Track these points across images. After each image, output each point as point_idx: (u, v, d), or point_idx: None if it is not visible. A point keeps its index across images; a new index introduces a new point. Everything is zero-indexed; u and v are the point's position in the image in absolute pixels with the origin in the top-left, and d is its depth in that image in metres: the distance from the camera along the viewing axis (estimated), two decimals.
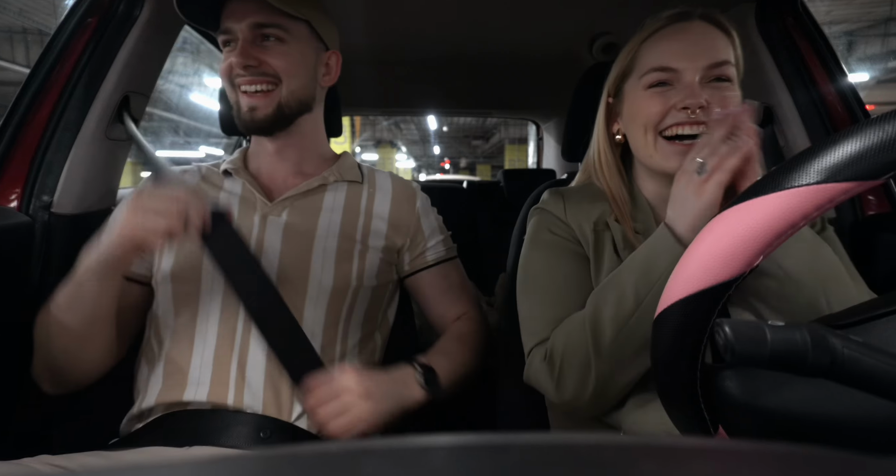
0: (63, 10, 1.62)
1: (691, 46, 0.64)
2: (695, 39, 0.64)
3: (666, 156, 0.64)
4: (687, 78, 0.63)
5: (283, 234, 0.76)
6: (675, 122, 0.62)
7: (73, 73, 0.87)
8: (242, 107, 0.75)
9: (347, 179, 0.84)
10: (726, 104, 0.62)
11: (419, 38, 1.27)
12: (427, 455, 0.14)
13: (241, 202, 0.79)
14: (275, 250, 0.75)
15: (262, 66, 0.74)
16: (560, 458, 0.14)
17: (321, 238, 0.77)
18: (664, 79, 0.64)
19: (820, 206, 0.26)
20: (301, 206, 0.79)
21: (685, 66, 0.63)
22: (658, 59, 0.65)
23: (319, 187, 0.81)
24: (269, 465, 0.14)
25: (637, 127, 0.67)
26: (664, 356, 0.33)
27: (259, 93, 0.75)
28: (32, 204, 0.84)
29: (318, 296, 0.75)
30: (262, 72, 0.74)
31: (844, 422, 0.29)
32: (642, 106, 0.66)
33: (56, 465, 0.59)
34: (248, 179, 0.80)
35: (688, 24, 0.65)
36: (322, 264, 0.76)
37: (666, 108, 0.63)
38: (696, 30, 0.65)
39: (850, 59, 10.48)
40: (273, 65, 0.74)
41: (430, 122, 15.55)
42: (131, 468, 0.15)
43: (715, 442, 0.17)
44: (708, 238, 0.30)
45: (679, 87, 0.64)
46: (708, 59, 0.63)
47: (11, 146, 0.84)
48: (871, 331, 0.30)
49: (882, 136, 0.24)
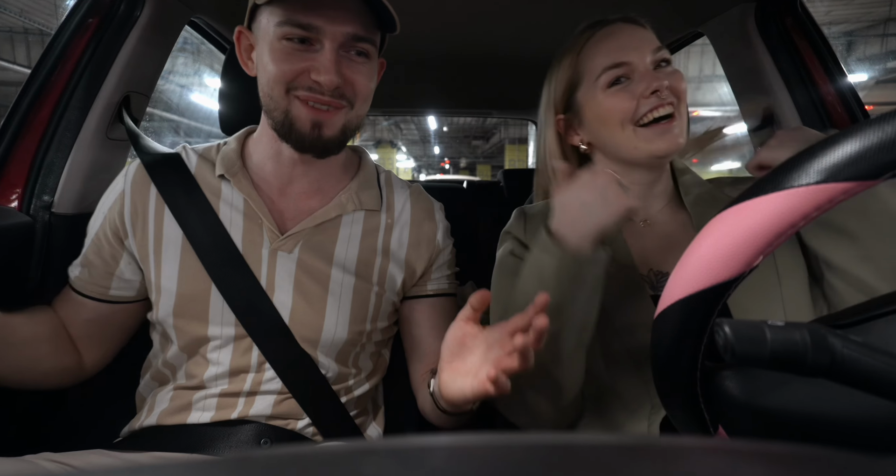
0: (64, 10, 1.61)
1: (630, 41, 0.67)
2: (629, 35, 0.68)
3: (650, 139, 0.65)
4: (641, 67, 0.66)
5: (296, 276, 0.68)
6: (649, 108, 0.64)
7: (74, 74, 0.87)
8: (304, 121, 0.63)
9: (366, 208, 0.73)
10: (680, 83, 0.66)
11: (419, 38, 1.27)
12: (427, 455, 0.14)
13: (244, 225, 0.68)
14: (286, 295, 0.67)
15: (343, 88, 0.62)
16: (560, 458, 0.14)
17: (336, 283, 0.69)
18: (620, 74, 0.66)
19: (820, 206, 0.26)
20: (314, 242, 0.69)
21: (635, 57, 0.66)
22: (607, 59, 0.67)
23: (335, 218, 0.71)
24: (269, 465, 0.14)
25: (612, 127, 0.67)
26: (664, 356, 0.33)
27: (328, 110, 0.63)
28: (33, 204, 0.84)
29: (331, 344, 0.70)
30: (341, 93, 0.63)
31: (844, 422, 0.29)
32: (611, 105, 0.67)
33: (59, 462, 0.59)
34: (251, 195, 0.69)
35: (613, 27, 0.69)
36: (337, 316, 0.69)
37: (635, 99, 0.65)
38: (625, 29, 0.69)
39: (850, 59, 10.49)
40: (355, 88, 0.64)
41: (430, 122, 15.55)
42: (132, 468, 0.15)
43: (715, 442, 0.17)
44: (708, 238, 0.30)
45: (637, 77, 0.66)
46: (649, 46, 0.66)
47: (12, 146, 0.84)
48: (871, 331, 0.30)
49: (881, 135, 0.24)
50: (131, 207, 0.69)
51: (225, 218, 0.68)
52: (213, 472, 0.14)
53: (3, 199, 0.83)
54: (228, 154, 0.71)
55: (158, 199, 0.69)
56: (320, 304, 0.68)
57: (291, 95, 0.62)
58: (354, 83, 0.64)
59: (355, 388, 0.75)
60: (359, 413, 0.76)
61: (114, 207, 0.70)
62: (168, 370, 0.71)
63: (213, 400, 0.67)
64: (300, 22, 0.60)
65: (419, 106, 2.19)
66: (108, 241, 0.70)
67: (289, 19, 0.60)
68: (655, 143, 0.65)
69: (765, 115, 1.03)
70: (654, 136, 0.65)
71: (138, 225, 0.69)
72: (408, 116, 12.86)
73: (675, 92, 0.65)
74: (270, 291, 0.67)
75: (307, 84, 0.61)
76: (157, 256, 0.68)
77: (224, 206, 0.69)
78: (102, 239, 0.70)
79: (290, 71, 0.61)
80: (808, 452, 0.15)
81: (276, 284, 0.67)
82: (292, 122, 0.63)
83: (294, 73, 0.61)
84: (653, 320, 0.34)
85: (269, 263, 0.67)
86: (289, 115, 0.63)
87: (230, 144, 0.73)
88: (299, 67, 0.61)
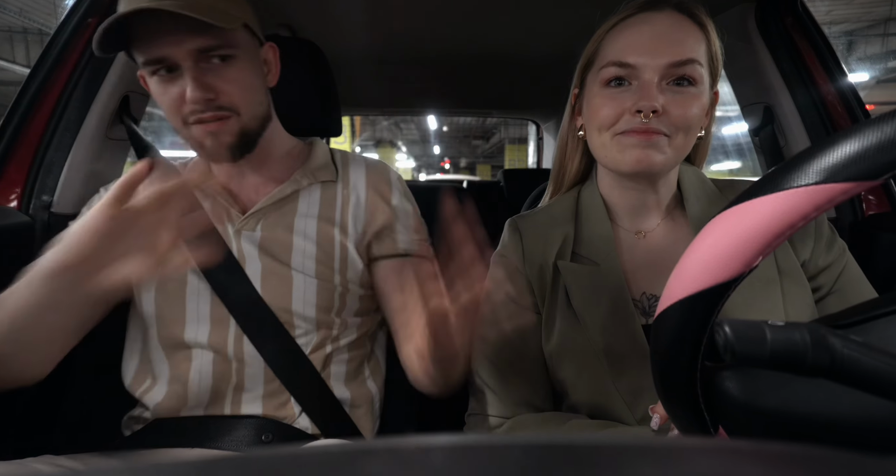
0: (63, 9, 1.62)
1: (654, 40, 0.57)
2: (660, 32, 0.57)
3: (621, 149, 0.58)
4: (645, 76, 0.57)
5: (260, 249, 0.73)
6: (628, 128, 0.57)
7: (74, 73, 0.87)
8: (201, 137, 0.66)
9: (321, 180, 0.78)
10: (685, 111, 0.56)
11: (419, 38, 1.27)
12: (427, 455, 0.14)
13: (212, 214, 0.74)
14: (255, 266, 0.72)
15: (219, 99, 0.65)
16: (560, 458, 0.14)
17: (298, 254, 0.73)
18: (621, 75, 0.58)
19: (819, 206, 0.26)
20: (275, 218, 0.74)
21: (644, 63, 0.56)
22: (617, 53, 0.58)
23: (292, 194, 0.76)
24: (269, 465, 0.14)
25: (592, 127, 0.62)
26: (664, 356, 0.33)
27: (216, 121, 0.66)
28: (32, 204, 0.84)
29: (303, 313, 0.72)
30: (218, 105, 0.65)
31: (844, 422, 0.29)
32: (596, 107, 0.60)
33: (59, 465, 0.59)
34: (216, 189, 0.75)
35: (656, 15, 0.58)
36: (304, 284, 0.72)
37: (619, 111, 0.58)
38: (664, 21, 0.58)
39: (850, 59, 10.48)
40: (231, 95, 0.65)
41: (430, 122, 15.54)
42: (132, 468, 0.15)
43: (715, 442, 0.17)
44: (708, 239, 0.30)
45: (636, 86, 0.58)
46: (671, 56, 0.56)
47: (12, 146, 0.84)
48: (871, 331, 0.30)
49: (881, 136, 0.24)
50: None
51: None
52: (212, 472, 0.14)
53: (2, 199, 0.83)
54: (198, 161, 0.81)
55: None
56: (286, 277, 0.72)
57: (187, 125, 0.66)
58: (226, 91, 0.65)
59: (337, 362, 0.76)
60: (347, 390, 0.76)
61: None
62: (153, 360, 0.73)
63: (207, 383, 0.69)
64: (153, 57, 0.63)
65: (419, 106, 2.19)
66: None
67: (146, 59, 0.64)
68: (624, 154, 0.58)
69: (765, 115, 1.03)
70: (628, 146, 0.57)
71: None
72: (408, 116, 12.84)
73: (672, 119, 0.56)
74: (242, 264, 0.72)
75: (190, 109, 0.64)
76: None
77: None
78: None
79: (173, 104, 0.65)
80: (808, 452, 0.15)
81: (245, 258, 0.72)
82: (196, 142, 0.68)
83: (176, 105, 0.64)
84: (653, 322, 0.34)
85: (236, 241, 0.73)
86: (192, 138, 0.67)
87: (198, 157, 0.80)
88: (176, 98, 0.64)
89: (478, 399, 0.66)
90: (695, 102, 0.57)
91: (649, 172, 0.59)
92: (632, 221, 0.66)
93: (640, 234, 0.66)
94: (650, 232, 0.65)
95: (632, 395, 0.57)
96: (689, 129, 0.57)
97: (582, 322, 0.60)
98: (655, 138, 0.56)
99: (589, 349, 0.59)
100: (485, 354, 0.65)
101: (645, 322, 0.60)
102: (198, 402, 0.69)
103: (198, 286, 0.71)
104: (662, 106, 0.55)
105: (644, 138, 0.56)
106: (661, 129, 0.56)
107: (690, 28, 0.58)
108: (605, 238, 0.64)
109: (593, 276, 0.62)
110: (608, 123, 0.59)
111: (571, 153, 0.71)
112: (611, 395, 0.58)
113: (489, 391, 0.64)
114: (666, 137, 0.57)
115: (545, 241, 0.66)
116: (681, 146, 0.58)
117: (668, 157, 0.57)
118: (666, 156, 0.57)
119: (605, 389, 0.59)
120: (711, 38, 0.59)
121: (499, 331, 0.65)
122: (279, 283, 0.72)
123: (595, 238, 0.64)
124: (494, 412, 0.63)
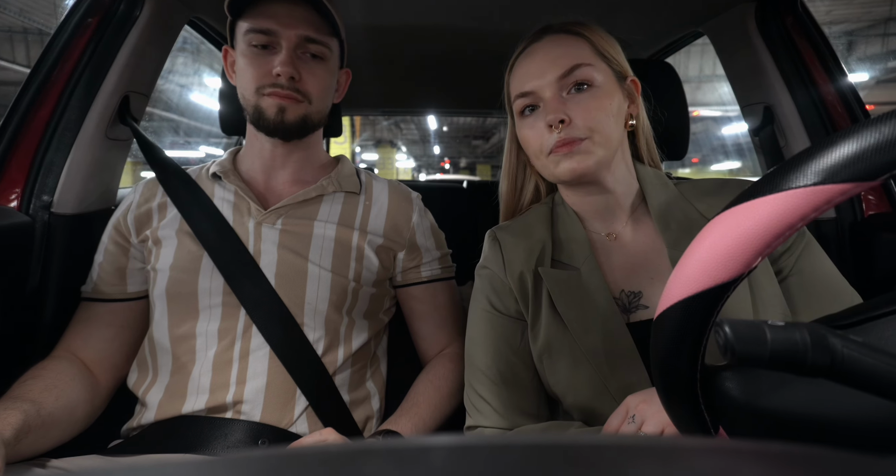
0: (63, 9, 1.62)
1: (540, 63, 0.63)
2: (543, 55, 0.63)
3: (556, 163, 0.62)
4: (545, 95, 0.62)
5: (279, 243, 0.75)
6: (552, 145, 0.61)
7: (74, 73, 0.87)
8: (269, 107, 0.73)
9: (345, 190, 0.82)
10: (589, 111, 0.60)
11: (418, 38, 1.27)
12: (427, 455, 0.14)
13: (233, 209, 0.77)
14: (271, 260, 0.74)
15: (300, 83, 0.73)
16: (560, 458, 0.14)
17: (316, 248, 0.76)
18: (528, 102, 0.64)
19: (818, 207, 0.26)
20: (296, 215, 0.78)
21: (539, 85, 0.62)
22: (518, 86, 0.65)
23: (316, 197, 0.80)
24: (269, 465, 0.14)
25: (531, 155, 0.67)
26: (664, 357, 0.33)
27: (290, 99, 0.74)
28: (32, 204, 0.84)
29: (315, 309, 0.74)
30: (297, 88, 0.73)
31: (844, 422, 0.29)
32: (525, 138, 0.65)
33: (56, 468, 0.59)
34: (240, 185, 0.78)
35: (537, 44, 0.65)
36: (318, 283, 0.75)
37: (539, 133, 0.62)
38: (545, 46, 0.64)
39: (850, 58, 10.49)
40: (310, 85, 0.74)
41: (430, 122, 15.54)
42: (130, 469, 0.15)
43: (715, 442, 0.17)
44: (707, 240, 0.30)
45: (542, 106, 0.62)
46: (556, 69, 0.61)
47: (12, 146, 0.84)
48: (871, 331, 0.30)
49: (880, 136, 0.24)
50: (136, 210, 0.79)
51: (218, 206, 0.78)
52: (212, 473, 0.14)
53: (2, 199, 0.83)
54: (221, 161, 0.82)
55: (161, 202, 0.79)
56: (302, 270, 0.74)
57: (260, 93, 0.74)
58: (309, 80, 0.74)
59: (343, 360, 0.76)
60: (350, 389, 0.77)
61: (120, 215, 0.81)
62: (153, 357, 0.74)
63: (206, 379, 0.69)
64: (260, 27, 0.72)
65: (419, 106, 2.19)
66: (115, 243, 0.79)
67: (251, 28, 0.73)
68: (560, 166, 0.62)
69: (765, 115, 1.03)
70: (557, 162, 0.62)
71: (143, 223, 0.78)
72: (408, 116, 12.85)
73: (584, 122, 0.60)
74: (257, 258, 0.74)
75: (270, 81, 0.72)
76: (157, 246, 0.76)
77: (217, 200, 0.79)
78: (109, 243, 0.79)
79: (257, 73, 0.73)
80: (808, 452, 0.15)
81: (261, 251, 0.74)
82: (261, 111, 0.74)
83: (261, 74, 0.72)
84: (653, 323, 0.34)
85: (254, 234, 0.75)
86: (258, 107, 0.74)
87: (222, 157, 0.85)
88: (264, 70, 0.72)
89: (474, 412, 0.67)
90: (597, 100, 0.60)
91: (589, 176, 0.62)
92: (602, 224, 0.69)
93: (611, 235, 0.69)
94: (620, 232, 0.69)
95: (622, 391, 0.57)
96: (603, 125, 0.61)
97: (568, 325, 0.62)
98: (577, 146, 0.60)
99: (577, 350, 0.60)
100: (476, 367, 0.67)
101: (627, 320, 0.62)
102: (198, 398, 0.69)
103: (211, 275, 0.73)
104: (568, 114, 0.59)
105: (566, 149, 0.60)
106: (577, 135, 0.60)
107: (568, 40, 0.64)
108: (581, 243, 0.66)
109: (575, 280, 0.64)
110: (537, 148, 0.63)
111: (526, 182, 0.76)
112: (602, 394, 0.59)
113: (484, 403, 0.65)
114: (585, 140, 0.60)
115: (524, 249, 0.67)
116: (605, 142, 0.61)
117: (598, 156, 0.61)
118: (596, 156, 0.61)
119: (596, 388, 0.60)
120: (594, 38, 0.64)
121: (488, 343, 0.66)
122: (294, 275, 0.74)
123: (572, 244, 0.67)
124: (492, 424, 0.64)
